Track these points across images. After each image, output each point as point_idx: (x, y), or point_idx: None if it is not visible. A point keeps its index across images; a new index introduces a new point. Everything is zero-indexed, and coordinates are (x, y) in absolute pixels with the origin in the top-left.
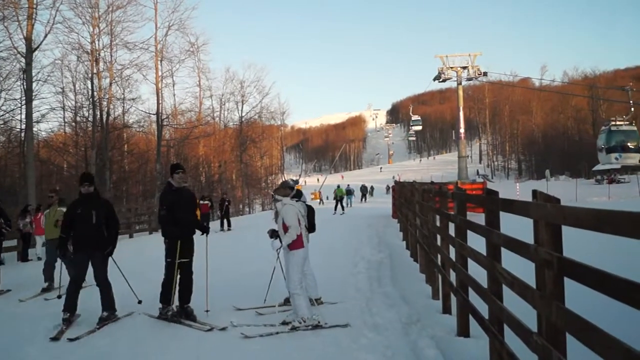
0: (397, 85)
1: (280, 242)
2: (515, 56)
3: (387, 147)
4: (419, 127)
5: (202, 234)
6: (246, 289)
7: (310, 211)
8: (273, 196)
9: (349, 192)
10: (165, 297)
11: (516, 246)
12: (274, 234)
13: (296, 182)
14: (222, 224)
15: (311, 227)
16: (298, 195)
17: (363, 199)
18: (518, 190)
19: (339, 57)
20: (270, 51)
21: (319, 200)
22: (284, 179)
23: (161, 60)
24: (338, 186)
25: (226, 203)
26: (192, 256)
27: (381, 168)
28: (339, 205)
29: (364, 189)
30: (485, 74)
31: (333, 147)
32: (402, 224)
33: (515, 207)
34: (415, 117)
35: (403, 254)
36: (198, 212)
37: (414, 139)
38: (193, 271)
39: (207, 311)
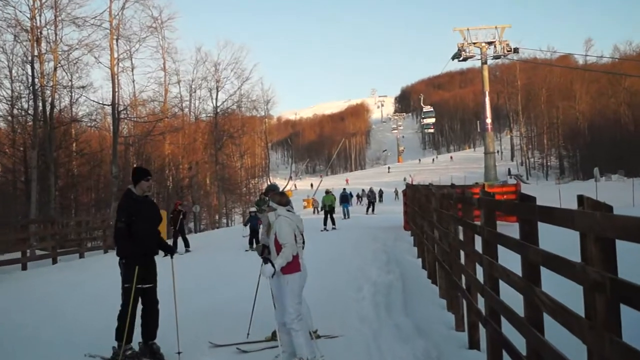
0: (407, 66)
1: (274, 266)
2: (553, 28)
3: (397, 141)
4: (432, 120)
5: (166, 255)
6: (224, 320)
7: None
8: (261, 204)
9: (345, 199)
10: (121, 332)
11: (558, 265)
12: (265, 254)
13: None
14: (175, 243)
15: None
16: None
17: (370, 209)
18: (560, 194)
19: (334, 34)
20: (251, 27)
21: (312, 209)
22: (270, 183)
23: (117, 39)
24: (327, 192)
25: (180, 216)
26: (156, 281)
27: (389, 168)
28: (329, 218)
29: (371, 195)
30: (516, 50)
31: (330, 142)
32: (417, 237)
33: (556, 217)
34: (427, 108)
35: (418, 275)
36: (163, 228)
37: (431, 130)
38: (158, 300)
39: (178, 353)
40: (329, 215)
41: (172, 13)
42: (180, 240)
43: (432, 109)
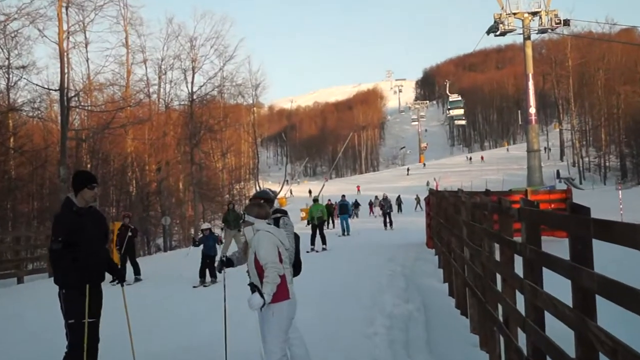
0: (431, 43)
1: (263, 296)
2: None
3: (418, 136)
4: (460, 112)
5: (114, 281)
6: None
7: (295, 241)
8: (230, 218)
9: (344, 210)
10: None
11: (619, 293)
12: (253, 285)
13: (275, 194)
14: (123, 267)
15: (296, 266)
16: (277, 216)
17: (387, 222)
18: (621, 201)
19: (338, 3)
20: None
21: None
22: (259, 189)
23: (67, 7)
24: (315, 200)
25: (129, 233)
26: (100, 314)
27: (408, 170)
28: (318, 235)
29: (385, 204)
30: (566, 22)
31: (334, 137)
32: (442, 256)
33: (616, 233)
34: (453, 97)
35: (444, 304)
36: (114, 248)
37: (462, 122)
38: (100, 338)
39: None
40: (317, 231)
41: None
42: (129, 265)
43: (460, 98)
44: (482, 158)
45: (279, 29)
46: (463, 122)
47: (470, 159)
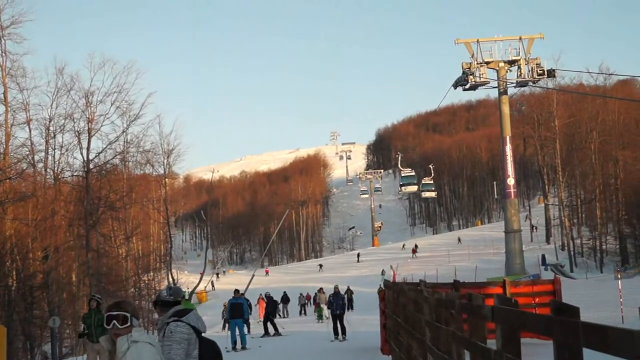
0: (386, 99)
1: None
2: (604, 42)
3: (371, 213)
4: (414, 189)
5: None
6: None
7: (215, 355)
8: (88, 322)
9: (236, 313)
10: None
11: None
12: None
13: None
14: None
15: None
16: (179, 314)
17: (339, 330)
18: (621, 294)
19: (271, 51)
20: (146, 43)
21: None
22: (172, 281)
23: None
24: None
25: None
26: None
27: (359, 255)
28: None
29: (335, 302)
30: (551, 73)
31: (266, 215)
32: None
33: (612, 342)
34: (406, 172)
35: None
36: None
37: (432, 194)
38: None
39: None
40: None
41: (18, 14)
42: None
43: (413, 173)
44: (459, 240)
45: (196, 81)
46: (432, 194)
47: (411, 247)
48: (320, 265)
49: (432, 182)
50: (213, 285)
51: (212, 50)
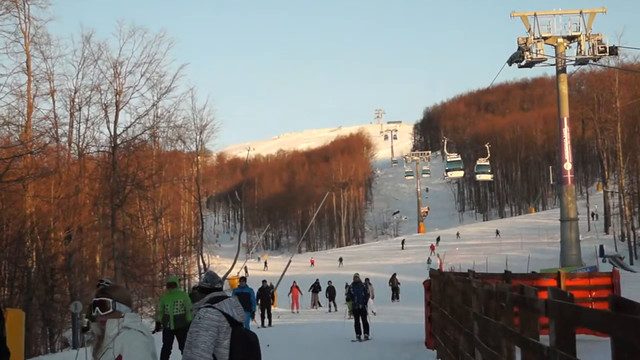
0: (435, 76)
1: None
2: None
3: (417, 197)
4: (460, 174)
5: None
6: None
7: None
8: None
9: (245, 300)
10: None
11: None
12: None
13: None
14: None
15: None
16: (213, 301)
17: (362, 329)
18: None
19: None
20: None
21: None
22: (202, 265)
23: None
24: (169, 284)
25: None
26: None
27: (403, 242)
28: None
29: (355, 292)
30: (613, 50)
31: (304, 198)
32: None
33: None
34: (452, 157)
35: None
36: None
37: (489, 177)
38: None
39: None
40: (174, 338)
41: None
42: None
43: (459, 158)
44: (497, 232)
45: (231, 53)
46: (489, 178)
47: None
48: (341, 259)
49: (487, 163)
50: (246, 271)
51: (252, 22)
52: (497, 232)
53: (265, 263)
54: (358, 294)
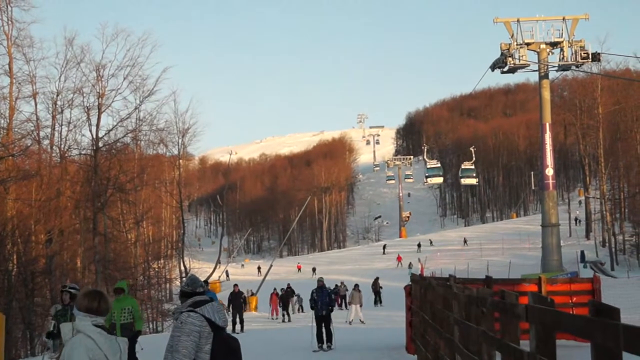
0: (418, 81)
1: None
2: None
3: (399, 202)
4: (439, 181)
5: None
6: None
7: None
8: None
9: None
10: None
11: None
12: None
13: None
14: None
15: None
16: (195, 305)
17: (324, 341)
18: None
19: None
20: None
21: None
22: (183, 269)
23: None
24: (117, 290)
25: None
26: None
27: (385, 247)
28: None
29: (319, 297)
30: (596, 57)
31: (286, 202)
32: None
33: None
34: (432, 164)
35: None
36: None
37: (473, 181)
38: None
39: None
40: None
41: None
42: None
43: (438, 165)
44: (465, 241)
45: (215, 57)
46: (474, 182)
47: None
48: (314, 269)
49: (473, 167)
50: (227, 275)
51: (235, 27)
52: (465, 241)
53: (259, 268)
54: (322, 299)
